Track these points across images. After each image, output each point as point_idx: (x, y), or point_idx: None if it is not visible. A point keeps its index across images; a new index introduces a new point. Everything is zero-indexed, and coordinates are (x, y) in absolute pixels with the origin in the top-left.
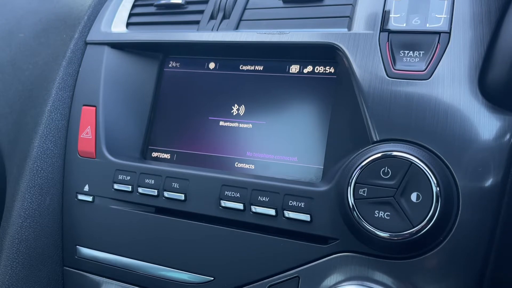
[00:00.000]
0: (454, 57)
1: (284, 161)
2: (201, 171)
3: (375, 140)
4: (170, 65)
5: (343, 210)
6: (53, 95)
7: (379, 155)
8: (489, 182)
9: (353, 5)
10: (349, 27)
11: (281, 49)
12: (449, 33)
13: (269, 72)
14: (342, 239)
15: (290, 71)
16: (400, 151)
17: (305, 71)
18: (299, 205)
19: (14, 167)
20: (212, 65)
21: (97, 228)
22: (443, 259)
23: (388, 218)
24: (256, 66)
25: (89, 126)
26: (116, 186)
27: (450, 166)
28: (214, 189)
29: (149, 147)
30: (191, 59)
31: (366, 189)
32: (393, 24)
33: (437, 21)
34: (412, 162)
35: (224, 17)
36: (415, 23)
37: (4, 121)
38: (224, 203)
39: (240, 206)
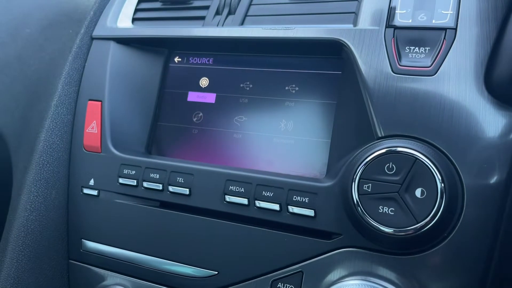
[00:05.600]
0: (460, 54)
1: (288, 156)
2: (205, 166)
3: (380, 135)
4: (175, 60)
5: (347, 205)
6: (59, 90)
7: (383, 150)
8: (494, 179)
9: (358, 1)
10: (355, 23)
11: (286, 45)
12: (455, 29)
13: (275, 68)
14: (346, 235)
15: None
16: (404, 147)
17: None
18: (303, 200)
19: (20, 161)
20: (217, 61)
21: (102, 222)
22: (447, 255)
23: (392, 213)
24: (261, 61)
25: (94, 121)
26: (121, 181)
27: (455, 162)
28: (218, 184)
29: (154, 141)
30: (197, 55)
31: (370, 184)
32: (399, 20)
33: (443, 17)
34: (416, 158)
35: (229, 13)
36: (421, 19)
37: (11, 115)
38: (229, 198)
39: (244, 201)
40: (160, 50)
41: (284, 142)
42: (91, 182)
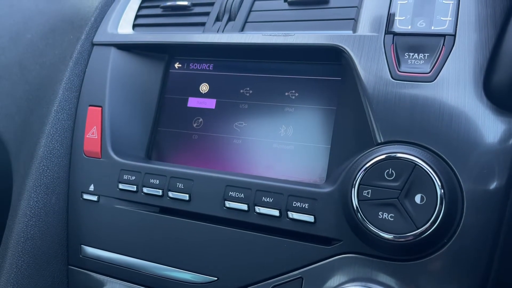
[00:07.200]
0: (459, 60)
1: (288, 161)
2: (205, 171)
3: (379, 141)
4: (175, 66)
5: (347, 211)
6: (59, 96)
7: (383, 156)
8: (493, 185)
9: (358, 8)
10: (354, 29)
11: (286, 51)
12: (454, 35)
13: (274, 73)
14: (345, 241)
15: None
16: (404, 153)
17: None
18: (303, 206)
19: (20, 166)
20: (217, 67)
21: (102, 228)
22: (447, 261)
23: (392, 219)
24: (261, 67)
25: (95, 126)
26: (121, 186)
27: (454, 168)
28: (218, 190)
29: (154, 147)
30: (197, 61)
31: (370, 190)
32: (398, 27)
33: (442, 24)
34: (416, 164)
35: (229, 19)
36: (420, 26)
37: (11, 121)
38: (228, 204)
39: (244, 206)
40: (160, 56)
41: (284, 148)
42: (91, 188)
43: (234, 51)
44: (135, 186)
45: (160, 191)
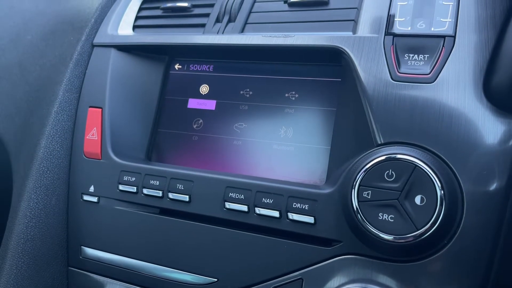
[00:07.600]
0: (459, 61)
1: (288, 163)
2: (205, 172)
3: (379, 142)
4: (176, 68)
5: (347, 212)
6: (59, 97)
7: (383, 157)
8: (493, 186)
9: (358, 9)
10: (354, 31)
11: (286, 52)
12: (454, 36)
13: (274, 75)
14: (345, 242)
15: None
16: (404, 154)
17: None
18: (303, 207)
19: (20, 167)
20: (217, 68)
21: (102, 229)
22: (447, 262)
23: (392, 220)
24: (261, 68)
25: (95, 128)
26: (121, 187)
27: (454, 169)
28: (218, 191)
29: (154, 148)
30: (197, 62)
31: (370, 191)
32: (398, 28)
33: (442, 25)
34: (416, 165)
35: (229, 20)
36: (420, 27)
37: (11, 122)
38: (228, 205)
39: (244, 208)
40: (160, 57)
41: (284, 149)
42: (91, 189)
43: (234, 52)
44: (135, 187)
45: (160, 192)
